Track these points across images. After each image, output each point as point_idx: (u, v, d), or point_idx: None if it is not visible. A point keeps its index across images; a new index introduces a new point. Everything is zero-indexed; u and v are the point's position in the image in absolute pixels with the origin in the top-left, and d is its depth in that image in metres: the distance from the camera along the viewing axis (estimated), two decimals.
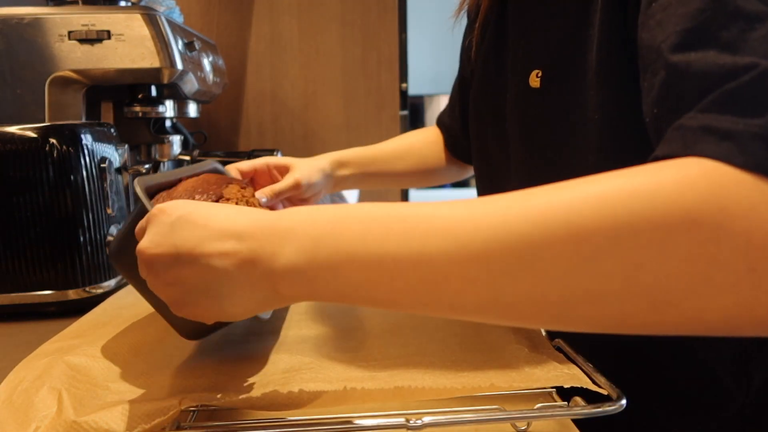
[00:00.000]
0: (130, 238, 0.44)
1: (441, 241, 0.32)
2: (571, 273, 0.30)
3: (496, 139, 0.66)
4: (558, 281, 0.30)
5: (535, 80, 0.57)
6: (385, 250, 0.33)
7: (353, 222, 0.35)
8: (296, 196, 0.73)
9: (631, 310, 0.30)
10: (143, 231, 0.42)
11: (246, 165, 0.73)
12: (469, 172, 0.93)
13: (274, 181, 0.74)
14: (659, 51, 0.37)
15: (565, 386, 0.44)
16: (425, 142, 0.90)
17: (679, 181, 0.29)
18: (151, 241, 0.40)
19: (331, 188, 0.78)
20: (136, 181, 0.53)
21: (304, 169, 0.73)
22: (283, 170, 0.74)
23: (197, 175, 0.59)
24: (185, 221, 0.39)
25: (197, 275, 0.38)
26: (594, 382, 0.45)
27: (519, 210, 0.31)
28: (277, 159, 0.74)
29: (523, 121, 0.60)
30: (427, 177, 0.90)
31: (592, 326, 0.32)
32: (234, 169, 0.71)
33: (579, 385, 0.44)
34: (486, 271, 0.31)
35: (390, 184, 0.90)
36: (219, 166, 0.66)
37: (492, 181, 0.70)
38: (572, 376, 0.45)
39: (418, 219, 0.33)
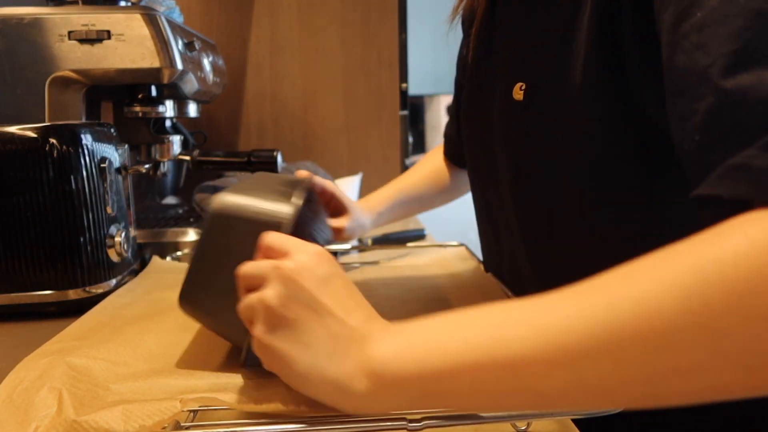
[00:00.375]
0: (224, 274, 0.42)
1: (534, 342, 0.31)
2: (655, 355, 0.28)
3: (483, 146, 0.67)
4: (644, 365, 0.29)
5: (518, 93, 0.58)
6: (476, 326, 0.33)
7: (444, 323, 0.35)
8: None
9: (729, 379, 0.28)
10: (258, 277, 0.40)
11: (325, 185, 0.76)
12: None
13: (326, 206, 0.78)
14: (705, 76, 0.34)
15: None
16: (441, 159, 0.94)
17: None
18: (287, 297, 0.38)
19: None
20: (222, 202, 0.46)
21: (354, 221, 0.78)
22: (339, 206, 0.78)
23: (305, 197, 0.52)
24: (329, 283, 0.39)
25: (323, 333, 0.37)
26: None
27: (601, 306, 0.30)
28: (341, 194, 0.78)
29: (506, 132, 0.61)
30: (447, 194, 0.93)
31: (690, 399, 0.30)
32: (320, 184, 0.76)
33: None
34: (574, 364, 0.30)
35: (419, 211, 0.95)
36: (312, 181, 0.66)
37: (480, 188, 0.72)
38: None
39: (512, 321, 0.32)
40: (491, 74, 0.65)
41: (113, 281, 0.76)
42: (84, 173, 0.71)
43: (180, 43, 0.96)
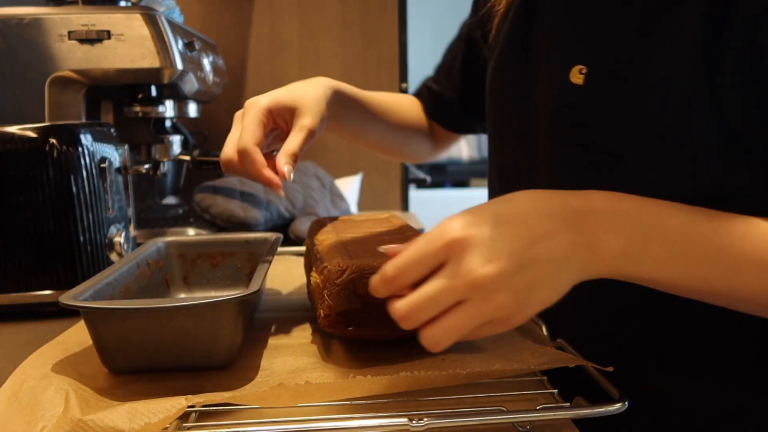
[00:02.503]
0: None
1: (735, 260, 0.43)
2: None
3: (520, 127, 0.62)
4: None
5: (577, 76, 0.53)
6: (707, 255, 0.42)
7: (675, 225, 0.43)
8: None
9: None
10: (431, 264, 0.39)
11: (256, 129, 0.57)
12: (442, 151, 0.91)
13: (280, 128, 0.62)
14: None
15: (570, 366, 0.46)
16: (410, 102, 0.87)
17: None
18: (481, 263, 0.37)
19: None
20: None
21: (314, 111, 0.60)
22: (286, 113, 0.60)
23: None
24: (503, 225, 0.39)
25: (542, 271, 0.39)
26: (597, 382, 0.45)
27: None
28: (277, 100, 0.59)
29: (557, 115, 0.56)
30: (405, 139, 0.84)
31: None
32: (251, 136, 0.57)
33: (576, 365, 0.47)
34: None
35: (370, 136, 0.81)
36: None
37: (513, 172, 0.65)
38: (574, 359, 0.47)
39: (730, 240, 0.43)
40: (533, 54, 0.60)
41: None
42: (84, 173, 0.71)
43: (180, 43, 0.96)
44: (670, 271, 0.43)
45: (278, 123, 0.60)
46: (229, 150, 0.57)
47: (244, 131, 0.56)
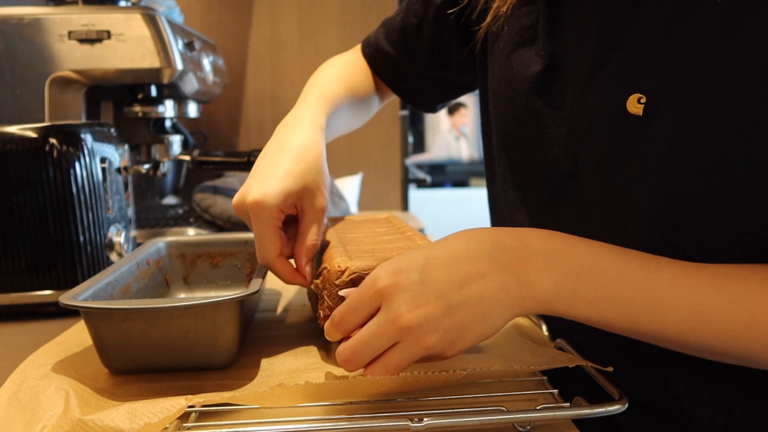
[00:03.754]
0: None
1: (674, 311, 0.42)
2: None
3: (537, 142, 0.57)
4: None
5: (636, 106, 0.48)
6: (635, 299, 0.42)
7: (606, 268, 0.43)
8: None
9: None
10: (367, 310, 0.43)
11: (273, 239, 0.54)
12: (382, 103, 0.86)
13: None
14: None
15: (570, 366, 0.46)
16: (365, 76, 0.81)
17: None
18: (407, 309, 0.41)
19: None
20: None
21: (321, 185, 0.57)
22: (296, 201, 0.55)
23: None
24: (432, 269, 0.42)
25: (473, 311, 0.41)
26: (597, 382, 0.45)
27: (721, 297, 0.42)
28: (286, 197, 0.53)
29: (613, 149, 0.50)
30: (366, 114, 0.83)
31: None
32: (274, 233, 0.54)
33: (576, 365, 0.47)
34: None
35: (346, 129, 0.78)
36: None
37: (536, 197, 0.59)
38: (574, 359, 0.47)
39: (657, 286, 0.43)
40: (563, 74, 0.55)
41: None
42: (84, 173, 0.71)
43: (180, 43, 0.96)
44: (599, 311, 0.43)
45: (289, 212, 0.56)
46: (260, 260, 0.55)
47: (262, 245, 0.54)
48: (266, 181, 0.54)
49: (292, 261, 0.56)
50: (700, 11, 0.45)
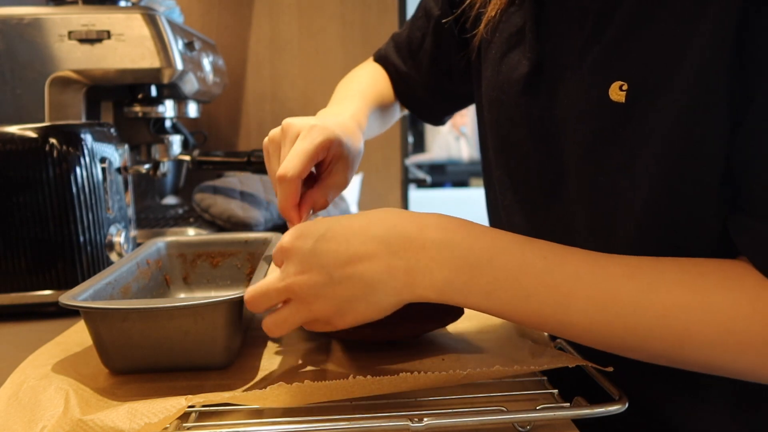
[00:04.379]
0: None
1: (582, 303, 0.42)
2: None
3: (539, 144, 0.57)
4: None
5: (618, 93, 0.48)
6: (537, 291, 0.42)
7: (506, 261, 0.42)
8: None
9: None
10: (277, 263, 0.46)
11: (306, 162, 0.54)
12: (402, 112, 0.87)
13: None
14: None
15: (570, 366, 0.46)
16: (387, 86, 0.82)
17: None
18: (294, 272, 0.44)
19: None
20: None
21: (353, 152, 0.60)
22: (331, 147, 0.57)
23: None
24: (326, 241, 0.44)
25: (356, 289, 0.43)
26: (597, 382, 0.45)
27: (643, 301, 0.41)
28: (336, 136, 0.57)
29: (588, 136, 0.51)
30: (390, 120, 0.84)
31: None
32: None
33: (576, 365, 0.46)
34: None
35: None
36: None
37: (526, 186, 0.60)
38: (574, 359, 0.47)
39: (562, 277, 0.42)
40: (549, 68, 0.56)
41: None
42: (84, 173, 0.71)
43: (180, 43, 0.96)
44: (497, 302, 0.43)
45: (322, 154, 0.57)
46: (279, 174, 0.54)
47: (295, 157, 0.53)
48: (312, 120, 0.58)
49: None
50: None
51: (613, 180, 0.50)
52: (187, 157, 1.08)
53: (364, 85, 0.78)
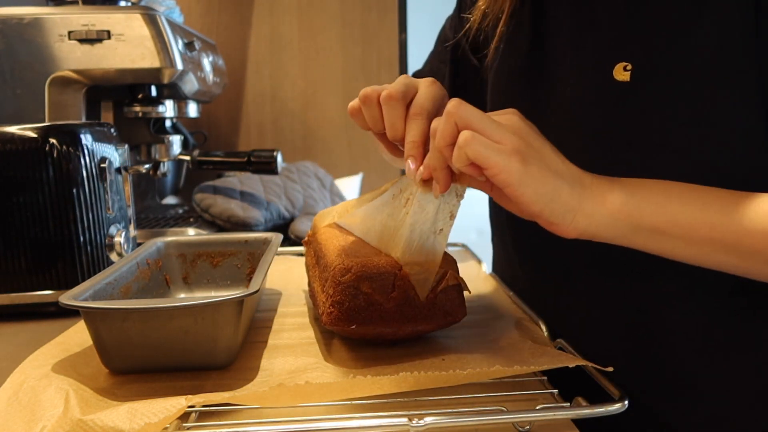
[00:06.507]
0: None
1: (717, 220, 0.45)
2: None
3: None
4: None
5: (622, 73, 0.52)
6: (709, 200, 0.46)
7: (671, 184, 0.47)
8: None
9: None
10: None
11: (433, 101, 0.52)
12: None
13: None
14: None
15: (570, 366, 0.46)
16: None
17: None
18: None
19: None
20: None
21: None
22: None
23: None
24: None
25: (550, 155, 0.45)
26: (597, 382, 0.45)
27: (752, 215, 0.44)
28: (444, 92, 0.54)
29: (601, 117, 0.54)
30: None
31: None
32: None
33: (576, 365, 0.46)
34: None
35: None
36: None
37: None
38: (574, 359, 0.47)
39: (709, 203, 0.46)
40: (552, 56, 0.59)
41: None
42: (84, 173, 0.71)
43: (180, 43, 0.96)
44: (675, 213, 0.45)
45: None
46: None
47: (430, 97, 0.51)
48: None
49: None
50: None
51: (621, 158, 0.52)
52: (187, 157, 1.08)
53: None
